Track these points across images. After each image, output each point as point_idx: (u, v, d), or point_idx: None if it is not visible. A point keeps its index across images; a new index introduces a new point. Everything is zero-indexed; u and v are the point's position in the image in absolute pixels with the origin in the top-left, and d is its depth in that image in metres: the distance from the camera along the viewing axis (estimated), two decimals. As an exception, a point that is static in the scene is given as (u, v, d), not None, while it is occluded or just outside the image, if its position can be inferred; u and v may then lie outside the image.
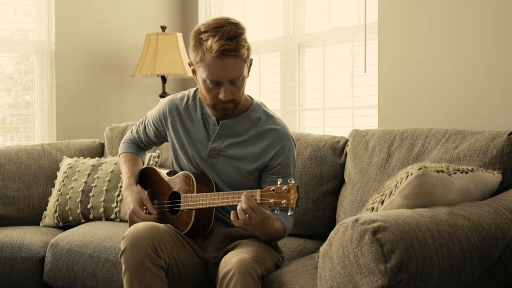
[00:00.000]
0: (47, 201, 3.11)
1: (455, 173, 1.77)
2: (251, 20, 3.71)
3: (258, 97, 3.63)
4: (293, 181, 1.84)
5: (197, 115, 2.20)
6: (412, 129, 2.36)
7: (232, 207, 1.99)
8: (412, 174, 1.66)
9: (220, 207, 2.09)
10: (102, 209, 2.93)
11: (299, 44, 3.46)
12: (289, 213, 1.86)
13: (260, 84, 3.69)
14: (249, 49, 2.03)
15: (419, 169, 1.65)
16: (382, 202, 1.75)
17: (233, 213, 1.89)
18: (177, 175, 2.20)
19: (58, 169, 3.20)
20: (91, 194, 2.97)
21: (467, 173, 1.82)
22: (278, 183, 1.86)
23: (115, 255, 2.43)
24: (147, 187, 2.30)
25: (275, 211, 1.89)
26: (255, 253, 1.91)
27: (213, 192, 2.10)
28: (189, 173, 2.14)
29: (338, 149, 2.57)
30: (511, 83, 2.45)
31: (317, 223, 2.55)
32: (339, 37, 3.25)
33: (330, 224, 2.52)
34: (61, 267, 2.60)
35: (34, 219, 3.11)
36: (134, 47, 3.94)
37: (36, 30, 3.74)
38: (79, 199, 2.97)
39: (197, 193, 2.08)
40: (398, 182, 1.71)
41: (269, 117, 2.18)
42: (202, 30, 2.01)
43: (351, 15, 3.19)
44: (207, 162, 2.17)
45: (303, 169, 2.57)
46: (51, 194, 3.13)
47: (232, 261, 1.85)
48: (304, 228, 2.56)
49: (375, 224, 1.43)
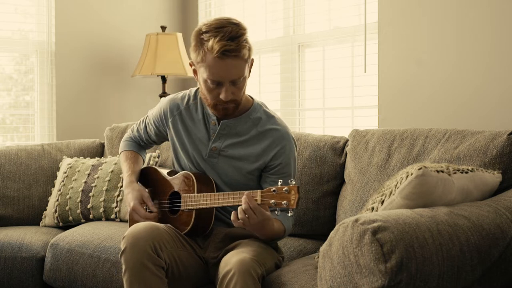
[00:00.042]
0: (47, 201, 3.11)
1: (455, 173, 1.77)
2: (251, 20, 3.71)
3: (258, 97, 3.62)
4: (293, 181, 1.84)
5: (198, 115, 2.20)
6: (412, 129, 2.36)
7: (233, 207, 1.99)
8: (412, 174, 1.66)
9: (220, 207, 2.09)
10: (102, 209, 2.93)
11: (299, 44, 3.46)
12: (289, 214, 1.86)
13: (260, 84, 3.69)
14: (250, 49, 2.02)
15: (419, 169, 1.65)
16: (382, 202, 1.75)
17: (233, 213, 1.89)
18: (177, 175, 2.20)
19: (58, 169, 3.20)
20: (91, 194, 2.97)
21: (467, 173, 1.82)
22: (279, 183, 1.86)
23: (115, 255, 2.43)
24: (147, 186, 2.30)
25: (275, 212, 1.90)
26: (255, 253, 1.91)
27: (214, 192, 2.10)
28: (190, 173, 2.14)
29: (338, 149, 2.58)
30: (511, 83, 2.45)
31: (317, 223, 2.55)
32: (339, 37, 3.25)
33: (330, 224, 2.52)
34: (61, 267, 2.60)
35: (34, 219, 3.11)
36: (134, 47, 3.94)
37: (36, 30, 3.74)
38: (79, 199, 2.97)
39: (197, 193, 2.08)
40: (398, 182, 1.71)
41: (269, 117, 2.18)
42: (204, 30, 2.00)
43: (351, 15, 3.19)
44: (207, 162, 2.17)
45: (303, 169, 2.57)
46: (51, 194, 3.13)
47: (232, 261, 1.85)
48: (304, 228, 2.56)
49: (375, 224, 1.43)
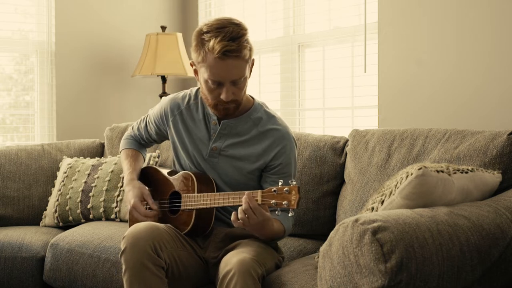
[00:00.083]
0: (47, 201, 3.11)
1: (455, 173, 1.77)
2: (251, 20, 3.71)
3: (258, 97, 3.62)
4: (294, 182, 1.84)
5: (199, 115, 2.19)
6: (412, 129, 2.36)
7: (233, 207, 1.99)
8: (412, 174, 1.66)
9: (220, 207, 2.09)
10: (102, 209, 2.93)
11: (299, 44, 3.46)
12: (290, 214, 1.86)
13: (260, 84, 3.69)
14: (251, 49, 2.02)
15: (419, 169, 1.65)
16: (382, 202, 1.75)
17: (233, 213, 1.89)
18: (177, 175, 2.20)
19: (58, 169, 3.20)
20: (91, 194, 2.97)
21: (467, 173, 1.82)
22: (279, 184, 1.86)
23: (115, 255, 2.43)
24: (147, 186, 2.30)
25: (276, 212, 1.89)
26: (256, 253, 1.91)
27: (214, 192, 2.10)
28: (190, 173, 2.14)
29: (338, 149, 2.58)
30: (511, 83, 2.45)
31: (317, 223, 2.55)
32: (339, 37, 3.25)
33: (330, 224, 2.52)
34: (61, 267, 2.60)
35: (34, 219, 3.11)
36: (134, 47, 3.94)
37: (36, 30, 3.74)
38: (79, 199, 2.97)
39: (197, 193, 2.07)
40: (398, 182, 1.71)
41: (270, 117, 2.17)
42: (204, 31, 2.00)
43: (351, 15, 3.19)
44: (208, 161, 2.17)
45: (303, 169, 2.57)
46: (51, 194, 3.13)
47: (232, 261, 1.85)
48: (304, 228, 2.56)
49: (375, 224, 1.43)
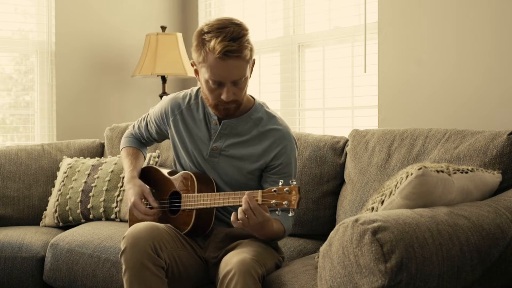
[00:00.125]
0: (47, 201, 3.11)
1: (455, 173, 1.77)
2: (251, 20, 3.71)
3: (258, 97, 3.60)
4: (294, 182, 1.84)
5: (199, 115, 2.19)
6: (412, 129, 2.36)
7: (233, 207, 1.99)
8: (412, 174, 1.66)
9: (220, 207, 2.09)
10: (102, 209, 2.93)
11: (299, 44, 3.46)
12: (290, 214, 1.86)
13: (260, 84, 3.69)
14: (252, 50, 2.02)
15: (419, 169, 1.65)
16: (382, 202, 1.75)
17: (233, 214, 1.88)
18: (177, 174, 2.20)
19: (58, 169, 3.20)
20: (91, 194, 2.97)
21: (467, 173, 1.82)
22: (280, 184, 1.86)
23: (115, 255, 2.43)
24: (148, 186, 2.30)
25: (276, 212, 1.89)
26: (256, 253, 1.91)
27: (214, 192, 2.10)
28: (190, 173, 2.14)
29: (338, 149, 2.58)
30: (511, 83, 2.45)
31: (317, 223, 2.55)
32: (339, 37, 3.25)
33: (330, 224, 2.52)
34: (61, 267, 2.60)
35: (34, 219, 3.11)
36: (134, 47, 3.94)
37: (36, 30, 3.74)
38: (79, 199, 2.97)
39: (197, 193, 2.07)
40: (398, 182, 1.71)
41: (271, 117, 2.18)
42: (205, 31, 2.00)
43: (351, 15, 3.19)
44: (208, 161, 2.17)
45: (303, 169, 2.57)
46: (51, 194, 3.13)
47: (232, 261, 1.85)
48: (304, 228, 2.56)
49: (375, 224, 1.43)
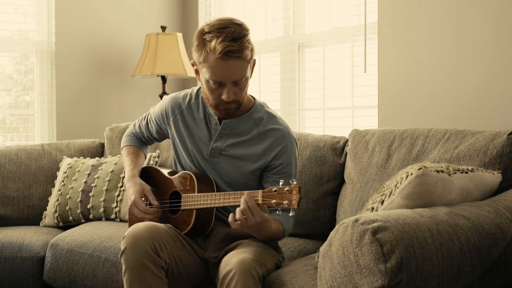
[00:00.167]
0: (47, 201, 3.11)
1: (455, 173, 1.77)
2: (251, 20, 3.71)
3: (258, 97, 3.59)
4: (295, 182, 1.84)
5: (199, 114, 2.19)
6: (412, 129, 2.36)
7: (233, 207, 1.99)
8: (412, 174, 1.66)
9: (220, 207, 2.09)
10: (102, 209, 2.93)
11: (299, 44, 3.46)
12: (290, 213, 1.86)
13: (260, 84, 3.69)
14: (252, 50, 2.02)
15: (419, 169, 1.65)
16: (382, 202, 1.75)
17: (231, 215, 1.88)
18: (177, 174, 2.20)
19: (58, 169, 3.20)
20: (91, 194, 2.97)
21: (467, 173, 1.82)
22: (280, 183, 1.86)
23: (115, 255, 2.43)
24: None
25: (277, 212, 1.90)
26: (256, 253, 1.91)
27: (214, 192, 2.10)
28: (190, 172, 2.14)
29: (338, 149, 2.58)
30: (511, 83, 2.45)
31: (317, 223, 2.55)
32: (339, 37, 3.25)
33: (330, 224, 2.52)
34: (61, 267, 2.60)
35: (34, 219, 3.11)
36: (134, 47, 3.94)
37: (36, 30, 3.74)
38: (79, 199, 2.97)
39: (198, 193, 2.07)
40: (398, 182, 1.71)
41: (271, 117, 2.18)
42: (206, 31, 2.00)
43: (351, 15, 3.19)
44: (208, 161, 2.17)
45: (303, 169, 2.57)
46: (51, 194, 3.13)
47: (233, 261, 1.85)
48: (304, 228, 2.56)
49: (375, 224, 1.43)
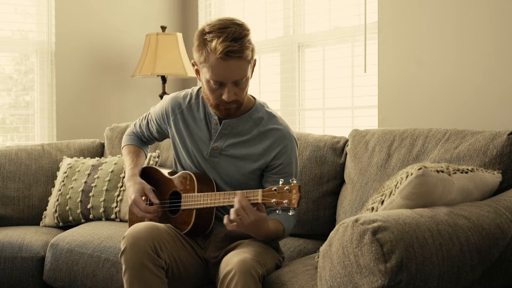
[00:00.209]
0: (47, 201, 3.11)
1: (455, 173, 1.77)
2: (251, 20, 3.71)
3: (258, 97, 3.59)
4: (295, 181, 1.84)
5: (200, 114, 2.19)
6: (412, 129, 2.36)
7: (233, 207, 1.99)
8: (412, 174, 1.66)
9: (220, 207, 2.09)
10: (102, 209, 2.93)
11: (299, 44, 3.46)
12: (290, 213, 1.86)
13: (260, 84, 3.69)
14: (253, 50, 2.02)
15: (419, 169, 1.65)
16: (382, 202, 1.75)
17: (226, 217, 1.88)
18: (177, 174, 2.20)
19: (58, 169, 3.20)
20: (91, 194, 2.97)
21: (467, 173, 1.82)
22: (280, 183, 1.86)
23: (115, 255, 2.43)
24: (148, 185, 2.30)
25: (276, 211, 1.90)
26: (256, 253, 1.91)
27: (214, 192, 2.10)
28: (190, 172, 2.14)
29: (338, 149, 2.58)
30: (511, 83, 2.45)
31: (317, 223, 2.55)
32: (339, 37, 3.25)
33: (330, 224, 2.52)
34: (61, 267, 2.60)
35: (34, 219, 3.11)
36: (134, 47, 3.94)
37: (36, 30, 3.74)
38: (79, 199, 2.97)
39: (197, 192, 2.08)
40: (398, 182, 1.71)
41: (271, 117, 2.18)
42: (207, 31, 2.00)
43: (351, 15, 3.19)
44: (208, 161, 2.17)
45: (303, 169, 2.57)
46: (51, 194, 3.13)
47: (233, 261, 1.85)
48: (304, 228, 2.56)
49: (375, 224, 1.43)
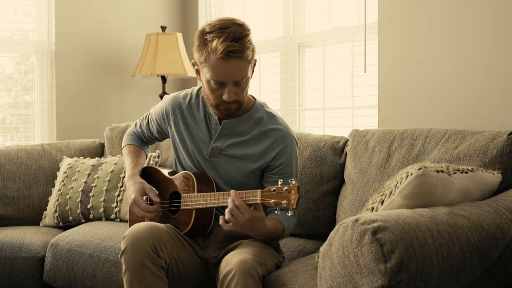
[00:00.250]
0: (47, 201, 3.11)
1: (455, 173, 1.77)
2: (251, 20, 3.70)
3: (258, 97, 3.59)
4: (294, 181, 1.84)
5: (200, 114, 2.19)
6: (412, 129, 2.36)
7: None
8: (412, 174, 1.66)
9: (220, 207, 2.09)
10: (102, 209, 2.93)
11: (299, 44, 3.46)
12: (289, 213, 1.86)
13: (260, 84, 3.69)
14: (253, 50, 2.02)
15: (419, 169, 1.65)
16: (382, 202, 1.75)
17: (221, 217, 1.88)
18: (177, 174, 2.20)
19: (58, 169, 3.20)
20: (91, 194, 2.97)
21: (467, 173, 1.82)
22: (279, 183, 1.86)
23: (115, 255, 2.43)
24: (148, 185, 2.30)
25: (275, 211, 1.90)
26: (256, 253, 1.91)
27: (214, 192, 2.10)
28: (190, 172, 2.14)
29: (338, 149, 2.57)
30: (511, 83, 2.45)
31: (317, 223, 2.55)
32: (339, 37, 3.25)
33: (330, 224, 2.52)
34: (61, 267, 2.60)
35: (34, 219, 3.11)
36: (134, 47, 3.94)
37: (36, 30, 3.74)
38: (79, 199, 2.97)
39: (197, 192, 2.08)
40: (398, 182, 1.71)
41: (271, 117, 2.18)
42: (207, 31, 2.00)
43: (351, 15, 3.19)
44: (208, 161, 2.17)
45: (303, 169, 2.57)
46: (51, 194, 3.13)
47: (233, 261, 1.85)
48: (304, 228, 2.56)
49: (375, 224, 1.43)
